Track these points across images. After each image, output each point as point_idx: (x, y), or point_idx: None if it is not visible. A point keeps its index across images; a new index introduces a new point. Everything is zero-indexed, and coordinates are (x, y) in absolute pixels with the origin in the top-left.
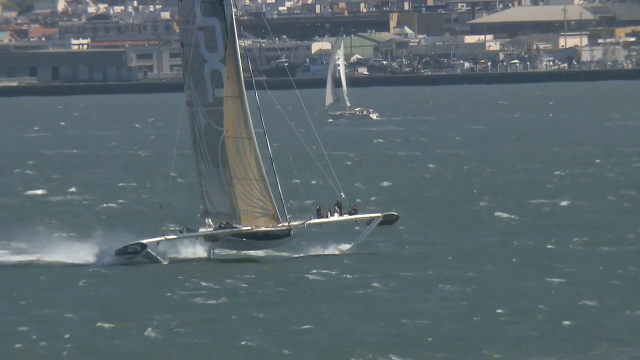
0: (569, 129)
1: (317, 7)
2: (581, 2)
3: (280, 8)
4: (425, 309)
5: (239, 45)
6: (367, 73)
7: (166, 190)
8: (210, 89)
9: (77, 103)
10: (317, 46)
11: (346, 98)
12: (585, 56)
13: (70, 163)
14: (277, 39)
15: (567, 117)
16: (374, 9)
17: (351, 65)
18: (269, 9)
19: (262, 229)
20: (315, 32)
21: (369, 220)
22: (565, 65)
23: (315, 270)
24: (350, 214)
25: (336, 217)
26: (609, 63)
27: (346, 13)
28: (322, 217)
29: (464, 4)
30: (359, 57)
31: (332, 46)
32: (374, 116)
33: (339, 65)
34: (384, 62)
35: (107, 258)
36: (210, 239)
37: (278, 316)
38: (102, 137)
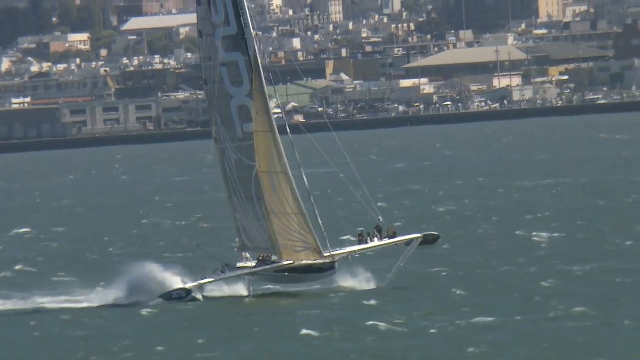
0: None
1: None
2: (515, 42)
3: None
4: None
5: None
6: (304, 120)
7: (202, 229)
8: (238, 125)
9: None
10: None
11: None
12: (517, 95)
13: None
14: None
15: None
16: (312, 57)
17: (288, 114)
18: None
19: (304, 262)
20: None
21: (409, 242)
22: (497, 105)
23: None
24: (390, 237)
25: (376, 242)
26: (539, 101)
27: (284, 62)
28: (363, 243)
29: (400, 49)
30: (295, 105)
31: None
32: None
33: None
34: (320, 109)
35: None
36: (250, 273)
37: None
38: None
